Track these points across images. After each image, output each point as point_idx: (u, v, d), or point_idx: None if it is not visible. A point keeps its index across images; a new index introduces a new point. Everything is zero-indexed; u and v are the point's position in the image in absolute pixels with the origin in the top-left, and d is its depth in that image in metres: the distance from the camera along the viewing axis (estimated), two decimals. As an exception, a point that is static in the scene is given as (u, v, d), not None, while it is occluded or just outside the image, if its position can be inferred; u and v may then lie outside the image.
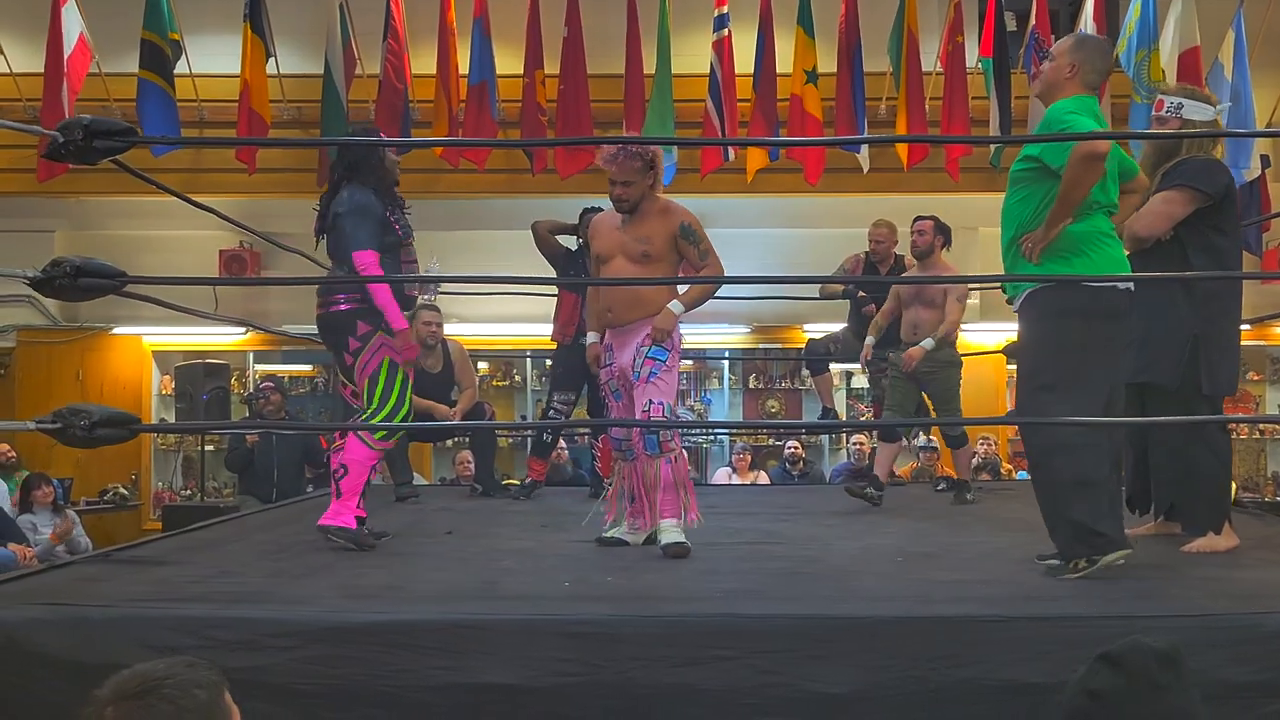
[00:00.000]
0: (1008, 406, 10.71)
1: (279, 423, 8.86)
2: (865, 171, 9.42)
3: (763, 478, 9.90)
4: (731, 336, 11.25)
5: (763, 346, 11.45)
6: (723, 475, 10.06)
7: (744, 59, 9.14)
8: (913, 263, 6.59)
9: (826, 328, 7.86)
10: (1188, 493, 4.29)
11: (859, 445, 9.64)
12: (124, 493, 10.58)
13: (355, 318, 4.51)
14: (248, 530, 5.19)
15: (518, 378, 11.57)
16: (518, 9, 9.17)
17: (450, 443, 9.75)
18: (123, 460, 10.39)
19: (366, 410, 4.51)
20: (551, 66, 9.14)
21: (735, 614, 3.09)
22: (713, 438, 11.23)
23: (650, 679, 2.90)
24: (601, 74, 9.16)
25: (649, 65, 9.07)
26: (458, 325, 9.47)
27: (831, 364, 7.61)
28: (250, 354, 11.46)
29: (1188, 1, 8.65)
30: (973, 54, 9.36)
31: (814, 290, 7.76)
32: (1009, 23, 9.52)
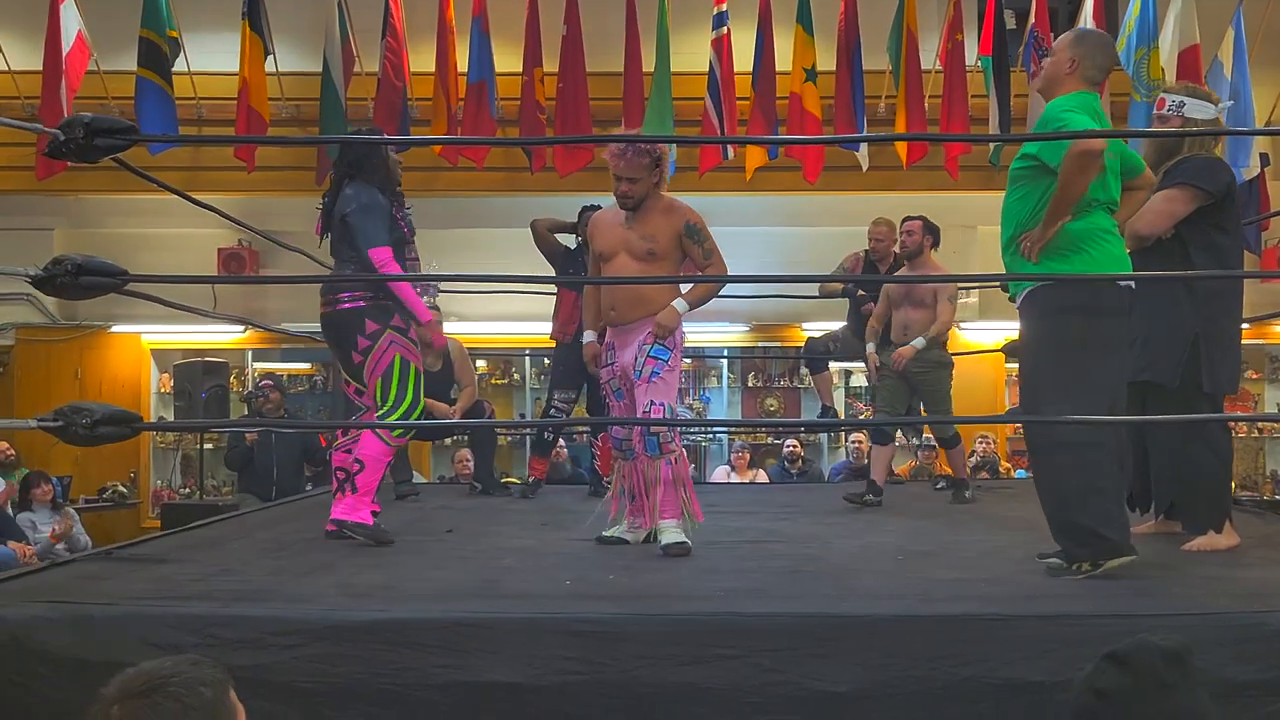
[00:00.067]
0: (1006, 405, 10.72)
1: (280, 421, 8.86)
2: (864, 170, 9.43)
3: (761, 476, 9.91)
4: (730, 335, 11.26)
5: (762, 345, 11.46)
6: (721, 474, 10.06)
7: (743, 57, 9.14)
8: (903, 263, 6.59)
9: (826, 326, 7.86)
10: (1188, 491, 4.28)
11: (858, 444, 9.64)
12: (123, 491, 10.58)
13: (363, 316, 4.50)
14: (248, 528, 5.18)
15: (517, 376, 11.58)
16: (517, 7, 9.16)
17: (449, 441, 9.75)
18: (121, 458, 10.38)
19: (381, 408, 4.50)
20: (550, 64, 9.14)
21: (738, 613, 3.09)
22: (711, 436, 11.24)
23: (654, 677, 2.90)
24: (600, 72, 9.16)
25: (648, 63, 9.07)
26: (457, 324, 9.47)
27: (831, 362, 7.60)
28: (249, 352, 11.48)
29: (1187, -1, 8.67)
30: (972, 52, 9.36)
31: (813, 289, 7.75)
32: (1008, 21, 9.51)
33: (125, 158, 3.82)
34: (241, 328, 10.66)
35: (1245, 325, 4.48)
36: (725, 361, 11.57)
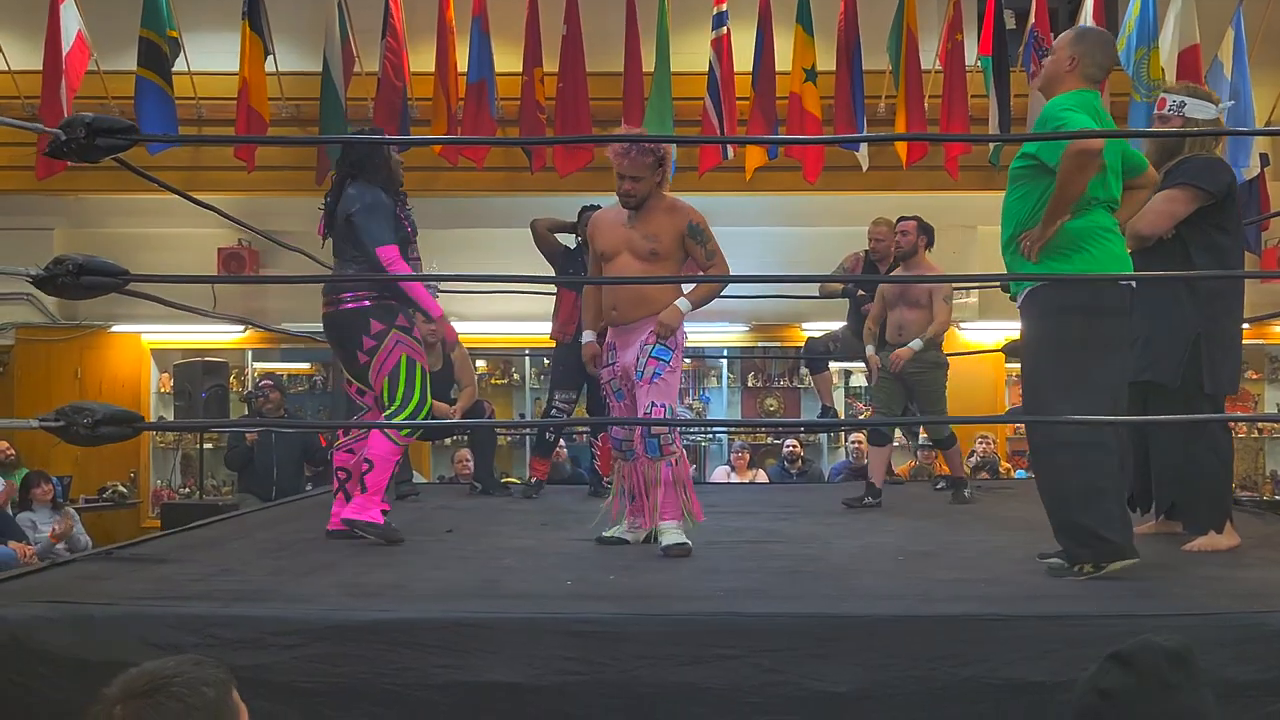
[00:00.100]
0: (1006, 405, 10.73)
1: (280, 421, 8.86)
2: (864, 170, 9.43)
3: (761, 476, 9.91)
4: (730, 335, 11.26)
5: (761, 345, 11.46)
6: (721, 474, 10.06)
7: (743, 57, 9.15)
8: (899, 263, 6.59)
9: (825, 326, 7.86)
10: (1189, 491, 4.28)
11: (858, 444, 9.64)
12: (123, 490, 10.58)
13: (368, 316, 4.50)
14: (248, 528, 5.19)
15: (516, 376, 11.58)
16: (516, 7, 9.16)
17: (449, 441, 9.75)
18: (121, 458, 10.37)
19: (389, 408, 4.50)
20: (550, 64, 9.14)
21: (738, 613, 3.09)
22: (711, 436, 11.24)
23: (654, 677, 2.90)
24: (600, 72, 9.16)
25: (648, 63, 9.07)
26: (456, 323, 9.41)
27: (830, 362, 7.60)
28: (249, 352, 11.47)
29: (1187, -1, 8.67)
30: (972, 52, 9.36)
31: (813, 289, 7.76)
32: (1008, 21, 9.52)
33: (126, 157, 3.82)
34: (241, 328, 10.67)
35: (1245, 325, 4.48)
36: (725, 361, 11.57)
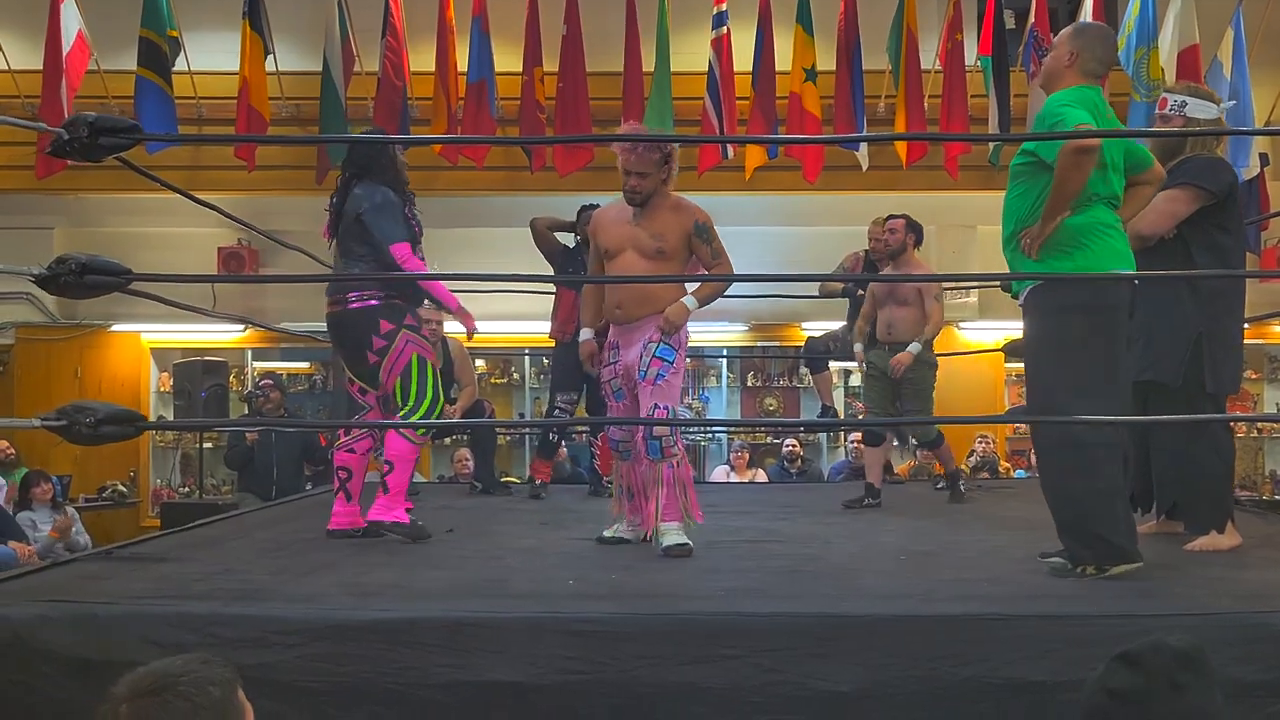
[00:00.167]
0: (1006, 405, 10.73)
1: (280, 420, 8.86)
2: (864, 169, 9.43)
3: (761, 476, 9.91)
4: (730, 334, 11.26)
5: (761, 344, 11.47)
6: (721, 473, 10.07)
7: (743, 57, 9.15)
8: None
9: (825, 326, 7.87)
10: (1190, 491, 4.28)
11: (857, 443, 9.63)
12: (122, 490, 10.58)
13: (376, 316, 4.49)
14: (248, 528, 5.19)
15: (516, 375, 11.58)
16: (517, 7, 9.17)
17: (449, 440, 9.75)
18: (121, 457, 10.37)
19: (402, 408, 4.50)
20: (550, 64, 9.15)
21: (739, 613, 3.09)
22: (711, 436, 11.24)
23: (655, 677, 2.91)
24: (600, 72, 9.16)
25: (648, 63, 9.08)
26: (456, 323, 9.45)
27: (830, 362, 7.61)
28: (248, 351, 11.48)
29: (1187, -1, 8.68)
30: (972, 52, 9.36)
31: (813, 288, 7.76)
32: (1008, 21, 9.53)
33: (127, 156, 3.82)
34: (241, 327, 10.67)
35: (1245, 325, 4.48)
36: (725, 361, 11.58)
